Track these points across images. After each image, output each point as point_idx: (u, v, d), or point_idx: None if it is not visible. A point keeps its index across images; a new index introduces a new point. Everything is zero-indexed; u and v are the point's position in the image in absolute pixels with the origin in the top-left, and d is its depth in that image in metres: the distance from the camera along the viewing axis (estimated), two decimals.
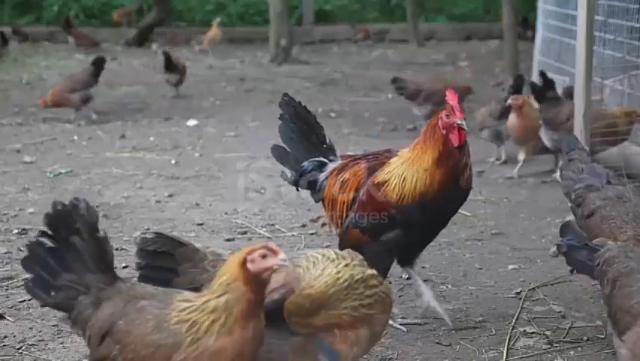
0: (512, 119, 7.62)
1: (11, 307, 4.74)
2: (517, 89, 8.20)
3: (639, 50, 7.52)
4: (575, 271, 3.74)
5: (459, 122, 4.17)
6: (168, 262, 3.44)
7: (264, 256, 2.93)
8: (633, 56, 7.57)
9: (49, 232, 3.14)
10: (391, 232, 4.37)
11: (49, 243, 3.14)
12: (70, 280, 3.12)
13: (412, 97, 9.35)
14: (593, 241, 3.69)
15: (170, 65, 11.78)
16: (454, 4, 21.40)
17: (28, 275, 3.17)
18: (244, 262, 2.94)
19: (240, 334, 2.91)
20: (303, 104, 4.79)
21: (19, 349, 4.22)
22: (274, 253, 2.94)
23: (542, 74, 7.79)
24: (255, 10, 20.30)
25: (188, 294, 3.07)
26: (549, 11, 9.54)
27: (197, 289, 3.26)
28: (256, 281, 2.94)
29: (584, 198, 4.34)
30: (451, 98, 4.24)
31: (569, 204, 4.57)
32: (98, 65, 10.30)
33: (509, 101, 7.55)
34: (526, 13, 17.19)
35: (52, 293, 3.14)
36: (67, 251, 3.12)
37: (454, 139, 4.21)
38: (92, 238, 3.13)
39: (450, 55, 16.61)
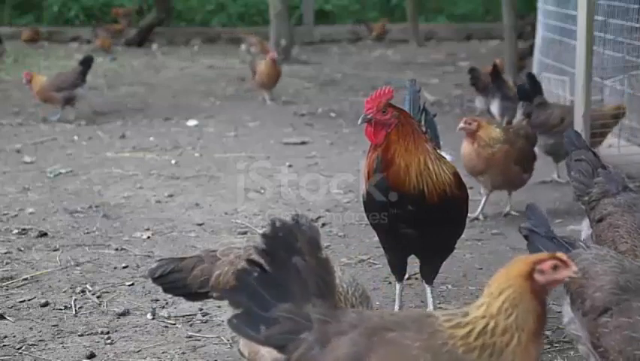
0: (465, 146, 6.26)
1: (11, 308, 4.73)
2: (474, 83, 8.18)
3: (639, 50, 7.52)
4: None
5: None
6: (178, 274, 3.83)
7: (555, 268, 2.71)
8: (633, 56, 7.57)
9: (266, 255, 2.70)
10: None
11: (261, 269, 2.69)
12: (286, 310, 2.66)
13: (482, 89, 9.70)
14: (564, 237, 3.62)
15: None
16: (454, 4, 21.42)
17: (235, 311, 2.69)
18: (531, 274, 2.70)
19: (535, 351, 2.67)
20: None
21: (19, 349, 4.22)
22: (566, 264, 2.73)
23: (529, 76, 7.50)
24: (255, 10, 20.31)
25: (450, 315, 2.68)
26: (549, 11, 9.53)
27: (208, 280, 3.71)
28: (543, 293, 2.72)
29: (597, 202, 4.31)
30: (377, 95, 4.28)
31: (583, 207, 4.54)
32: (86, 64, 10.22)
33: (460, 125, 6.19)
34: (526, 12, 17.18)
35: (263, 328, 2.65)
36: (285, 276, 2.68)
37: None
38: (314, 259, 2.70)
39: (450, 55, 16.61)
